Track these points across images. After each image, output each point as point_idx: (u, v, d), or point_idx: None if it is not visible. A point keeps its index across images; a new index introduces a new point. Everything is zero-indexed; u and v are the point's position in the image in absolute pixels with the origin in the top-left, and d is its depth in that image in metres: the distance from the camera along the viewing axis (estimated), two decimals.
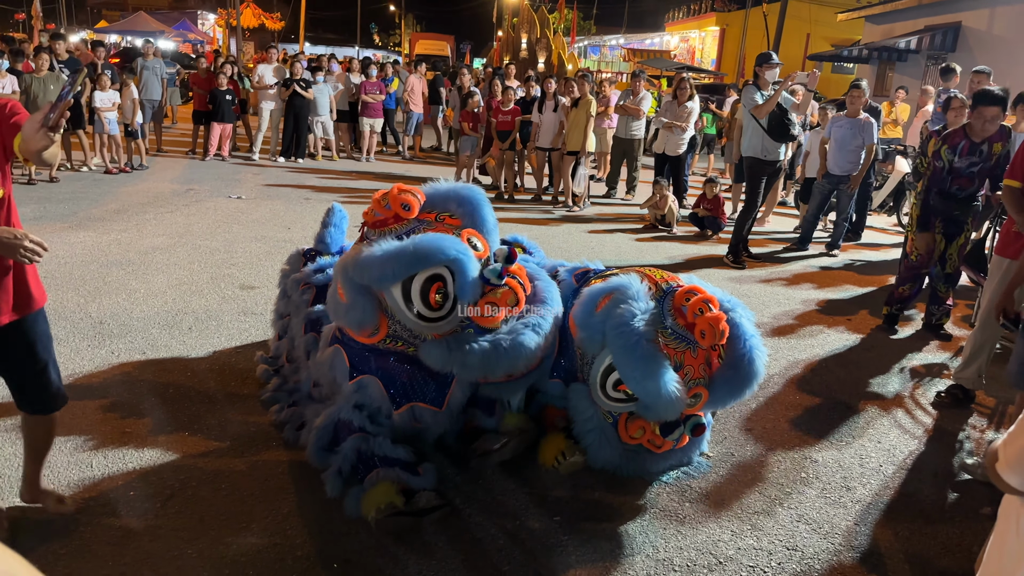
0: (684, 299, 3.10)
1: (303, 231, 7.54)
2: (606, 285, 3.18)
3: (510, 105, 10.21)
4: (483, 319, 3.03)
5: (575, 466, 3.33)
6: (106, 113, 9.99)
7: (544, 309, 3.16)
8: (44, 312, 2.64)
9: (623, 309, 3.02)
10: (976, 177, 5.24)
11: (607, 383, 3.15)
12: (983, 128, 5.01)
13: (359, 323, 3.02)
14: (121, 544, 2.71)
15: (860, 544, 3.04)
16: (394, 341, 3.12)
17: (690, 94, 9.83)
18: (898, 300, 5.82)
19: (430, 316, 2.98)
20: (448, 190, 3.24)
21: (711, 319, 3.01)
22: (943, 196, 5.32)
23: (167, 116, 17.09)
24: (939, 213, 5.40)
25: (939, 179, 5.27)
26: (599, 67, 34.74)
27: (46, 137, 2.18)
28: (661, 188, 8.97)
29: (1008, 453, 1.47)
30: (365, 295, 2.96)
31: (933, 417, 4.30)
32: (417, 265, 2.89)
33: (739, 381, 3.13)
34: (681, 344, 3.08)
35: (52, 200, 8.29)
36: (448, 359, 2.99)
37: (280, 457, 3.36)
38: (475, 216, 3.21)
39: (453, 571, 2.70)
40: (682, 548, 2.93)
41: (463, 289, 2.99)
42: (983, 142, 5.10)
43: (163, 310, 5.09)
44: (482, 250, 3.13)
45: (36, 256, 2.32)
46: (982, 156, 5.14)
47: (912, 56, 17.83)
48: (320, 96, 12.07)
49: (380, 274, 2.89)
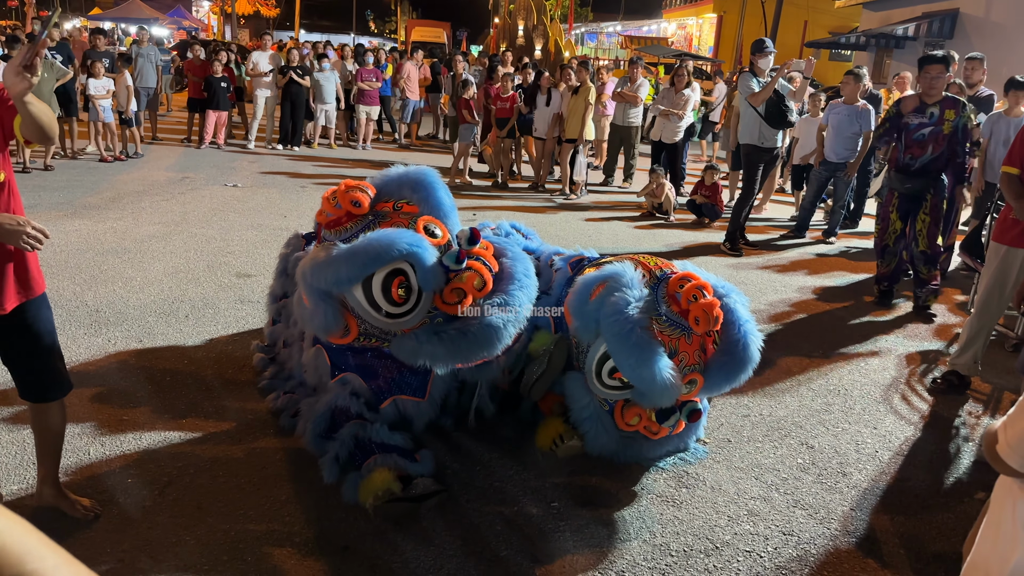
0: (678, 286, 3.11)
1: (299, 219, 7.52)
2: (600, 273, 3.18)
3: (508, 92, 10.16)
4: (450, 306, 2.99)
5: (572, 450, 3.33)
6: (100, 101, 9.93)
7: (513, 286, 3.06)
8: (46, 297, 2.62)
9: (617, 297, 3.02)
10: (927, 143, 5.44)
11: (602, 371, 3.15)
12: (930, 86, 5.35)
13: (324, 328, 2.98)
14: (119, 531, 2.72)
15: (856, 529, 3.05)
16: (367, 339, 3.09)
17: (687, 81, 9.80)
18: (882, 278, 6.05)
19: (396, 312, 2.93)
20: (399, 176, 3.19)
21: (705, 306, 3.01)
22: (899, 170, 5.61)
23: (163, 104, 17.03)
24: (896, 188, 5.69)
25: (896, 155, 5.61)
26: (596, 54, 34.57)
27: (24, 79, 2.18)
28: (658, 176, 8.96)
29: (1009, 435, 1.47)
30: (326, 300, 2.91)
31: (929, 403, 4.31)
32: (372, 264, 2.84)
33: (734, 366, 3.13)
34: (675, 331, 3.08)
35: (47, 188, 8.25)
36: (419, 351, 2.94)
37: (277, 444, 3.37)
38: (430, 201, 3.15)
39: (451, 557, 2.71)
40: (679, 533, 2.95)
41: (425, 279, 2.92)
42: (934, 104, 5.39)
43: (159, 298, 5.08)
44: (441, 236, 3.07)
45: (38, 244, 2.33)
46: (932, 119, 5.38)
47: (910, 43, 17.79)
48: (327, 84, 12.01)
49: (335, 278, 2.85)
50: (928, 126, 5.40)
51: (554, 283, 3.69)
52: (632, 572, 2.71)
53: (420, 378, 3.20)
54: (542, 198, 9.73)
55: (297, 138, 12.24)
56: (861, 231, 8.98)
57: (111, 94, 10.08)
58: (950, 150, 5.49)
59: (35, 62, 2.19)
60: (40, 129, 2.34)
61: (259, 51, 12.29)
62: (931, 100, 5.39)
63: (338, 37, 39.99)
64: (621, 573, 2.70)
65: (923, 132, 5.42)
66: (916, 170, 5.52)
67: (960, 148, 5.51)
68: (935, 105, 5.38)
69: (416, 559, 2.68)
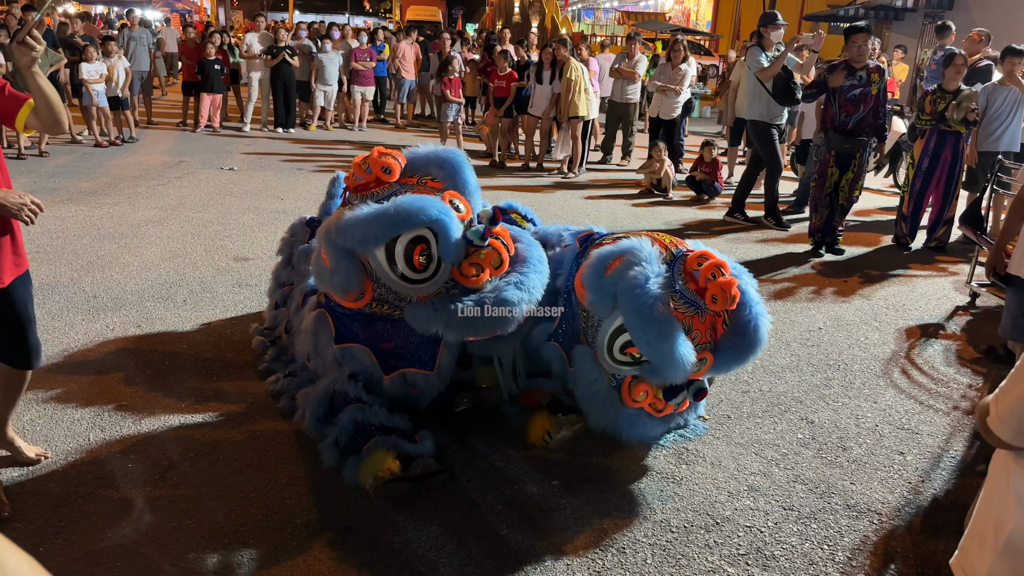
0: (696, 263, 3.07)
1: (296, 202, 7.49)
2: (616, 247, 3.13)
3: (506, 71, 10.07)
4: (467, 279, 3.02)
5: (563, 443, 3.33)
6: (94, 85, 9.85)
7: (527, 267, 3.12)
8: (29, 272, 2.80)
9: (636, 272, 2.97)
10: (859, 102, 6.24)
11: (614, 345, 3.11)
12: (859, 52, 6.20)
13: (344, 287, 3.01)
14: (120, 516, 2.72)
15: (856, 503, 3.06)
16: (380, 305, 3.12)
17: (684, 56, 9.71)
18: (816, 230, 6.72)
19: (414, 278, 2.97)
20: (429, 153, 3.23)
21: (723, 284, 2.98)
22: (836, 130, 6.35)
23: (157, 87, 16.91)
24: (833, 146, 6.41)
25: (832, 115, 6.36)
26: (593, 30, 34.27)
27: (28, 51, 2.40)
28: (659, 151, 8.90)
29: (1000, 407, 1.46)
30: (349, 259, 2.95)
31: (928, 376, 4.31)
32: (399, 227, 2.87)
33: (744, 347, 3.12)
34: (690, 309, 3.06)
35: (42, 174, 8.21)
36: (433, 319, 2.97)
37: (277, 427, 3.37)
38: (456, 178, 3.19)
39: (452, 536, 2.72)
40: (679, 510, 2.95)
41: (446, 250, 2.96)
42: (862, 69, 6.24)
43: (157, 283, 5.06)
44: (464, 212, 3.11)
45: (34, 217, 2.52)
46: (861, 81, 6.23)
47: (909, 15, 17.65)
48: (329, 65, 11.89)
49: (363, 237, 2.88)
50: (859, 87, 6.24)
51: (564, 259, 3.66)
52: (633, 549, 2.72)
53: (430, 350, 3.21)
54: (540, 177, 9.68)
55: (291, 120, 12.14)
56: (861, 205, 8.93)
57: (104, 78, 10.00)
58: (873, 110, 6.32)
59: (34, 33, 2.39)
60: (49, 107, 2.53)
61: (252, 32, 12.15)
62: (859, 65, 6.25)
63: (332, 17, 39.60)
64: (622, 550, 2.71)
65: (855, 93, 6.25)
66: (851, 128, 6.31)
67: (881, 109, 6.39)
68: (863, 69, 6.25)
69: (417, 539, 2.69)
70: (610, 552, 2.69)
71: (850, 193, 6.53)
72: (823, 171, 6.54)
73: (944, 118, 6.61)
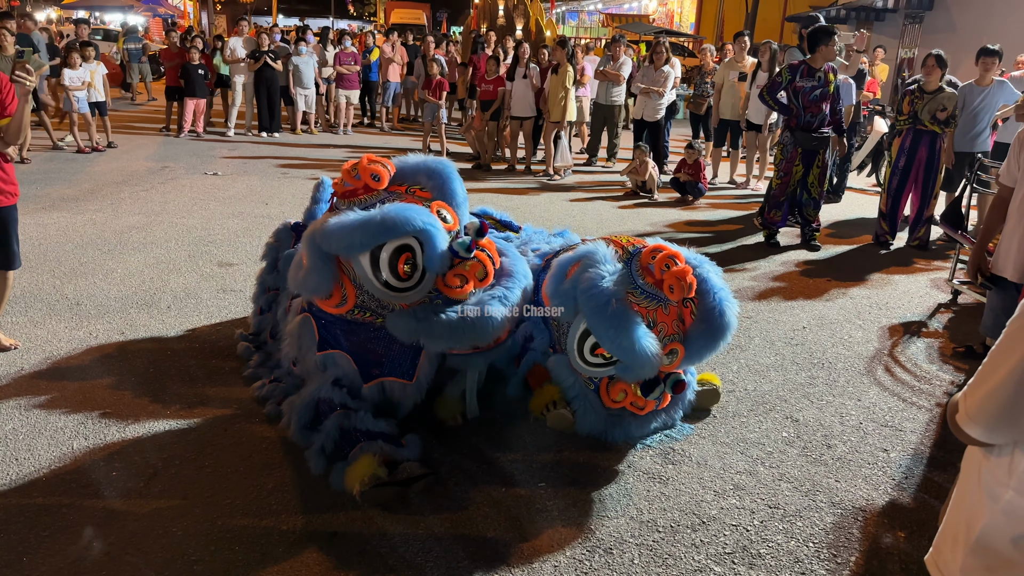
0: (651, 257, 3.17)
1: (281, 206, 7.46)
2: (573, 254, 3.26)
3: (494, 75, 10.07)
4: (451, 290, 3.04)
5: (562, 418, 3.37)
6: (76, 92, 9.78)
7: (512, 282, 3.18)
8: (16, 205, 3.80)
9: (591, 273, 3.08)
10: (821, 102, 6.49)
11: (584, 348, 3.19)
12: (824, 55, 6.48)
13: (314, 287, 3.01)
14: (105, 524, 2.70)
15: (841, 500, 3.08)
16: (362, 312, 3.12)
17: (666, 58, 9.75)
18: (773, 223, 6.97)
19: (398, 286, 2.98)
20: (418, 163, 3.25)
21: (677, 272, 3.07)
22: (801, 128, 6.57)
23: (141, 93, 16.79)
24: (801, 144, 6.61)
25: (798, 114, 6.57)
26: (577, 33, 34.36)
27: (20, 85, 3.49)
28: (642, 153, 8.94)
29: (968, 404, 1.47)
30: (326, 262, 2.96)
31: (911, 373, 4.35)
32: (385, 235, 2.88)
33: (712, 333, 3.19)
34: (652, 303, 3.13)
35: (24, 181, 8.06)
36: (415, 329, 2.99)
37: (263, 433, 3.36)
38: (444, 189, 3.22)
39: (440, 540, 2.71)
40: (665, 509, 2.97)
41: (431, 260, 2.99)
42: (820, 69, 6.49)
43: (141, 289, 5.03)
44: (451, 222, 3.13)
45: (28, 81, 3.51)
46: (820, 81, 6.47)
47: (890, 15, 17.80)
48: (306, 68, 11.86)
49: (348, 243, 2.89)
50: (819, 88, 6.48)
51: None
52: (620, 549, 2.73)
53: (409, 360, 3.21)
54: (525, 179, 9.69)
55: (275, 124, 12.08)
56: (845, 204, 9.00)
57: (86, 85, 9.93)
58: (832, 108, 6.60)
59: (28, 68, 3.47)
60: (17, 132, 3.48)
61: (236, 36, 12.10)
62: (818, 66, 6.50)
63: (317, 21, 39.45)
64: (609, 551, 2.71)
65: (815, 93, 6.48)
66: (816, 126, 6.54)
67: (837, 106, 6.67)
68: (821, 70, 6.50)
69: (405, 543, 2.69)
70: (597, 553, 2.70)
71: (821, 187, 6.80)
72: (788, 169, 6.76)
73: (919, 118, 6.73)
